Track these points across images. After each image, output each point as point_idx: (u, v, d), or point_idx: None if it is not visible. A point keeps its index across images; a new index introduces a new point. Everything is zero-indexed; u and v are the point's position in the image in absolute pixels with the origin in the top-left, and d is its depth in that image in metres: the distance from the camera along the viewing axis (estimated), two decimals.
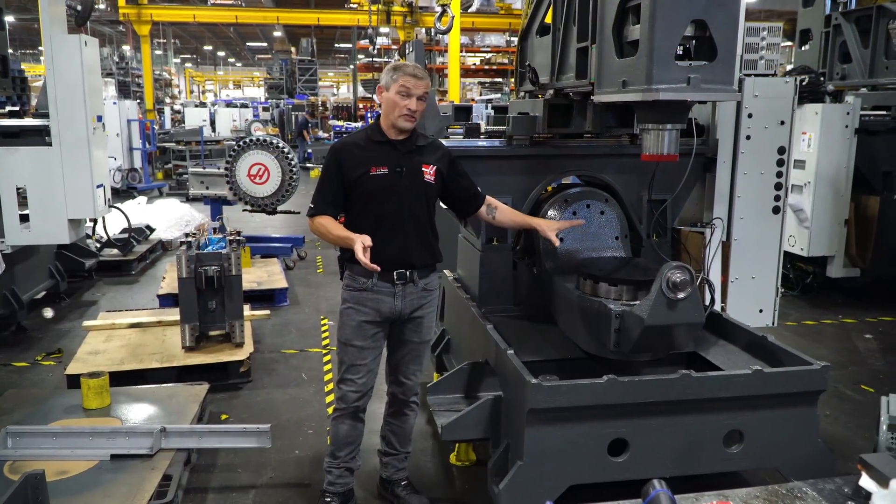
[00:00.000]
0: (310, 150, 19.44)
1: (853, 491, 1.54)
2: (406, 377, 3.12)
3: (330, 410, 3.71)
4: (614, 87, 2.80)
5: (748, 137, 3.84)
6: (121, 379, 4.19)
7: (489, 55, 27.20)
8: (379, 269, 2.72)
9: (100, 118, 5.27)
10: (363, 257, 2.63)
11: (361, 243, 2.64)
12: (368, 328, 2.94)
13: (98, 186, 5.16)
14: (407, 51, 3.77)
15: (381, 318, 2.95)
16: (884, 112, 6.49)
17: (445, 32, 10.29)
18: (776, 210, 3.93)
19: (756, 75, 4.35)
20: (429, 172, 2.93)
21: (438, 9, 10.04)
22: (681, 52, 2.66)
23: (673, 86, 2.56)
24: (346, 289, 2.99)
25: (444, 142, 3.55)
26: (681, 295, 2.62)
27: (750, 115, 3.82)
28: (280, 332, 5.68)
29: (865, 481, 1.48)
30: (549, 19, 3.54)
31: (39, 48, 30.82)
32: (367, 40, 21.50)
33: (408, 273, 2.91)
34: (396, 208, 2.86)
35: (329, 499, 3.08)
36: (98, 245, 7.51)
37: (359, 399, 3.01)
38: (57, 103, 4.93)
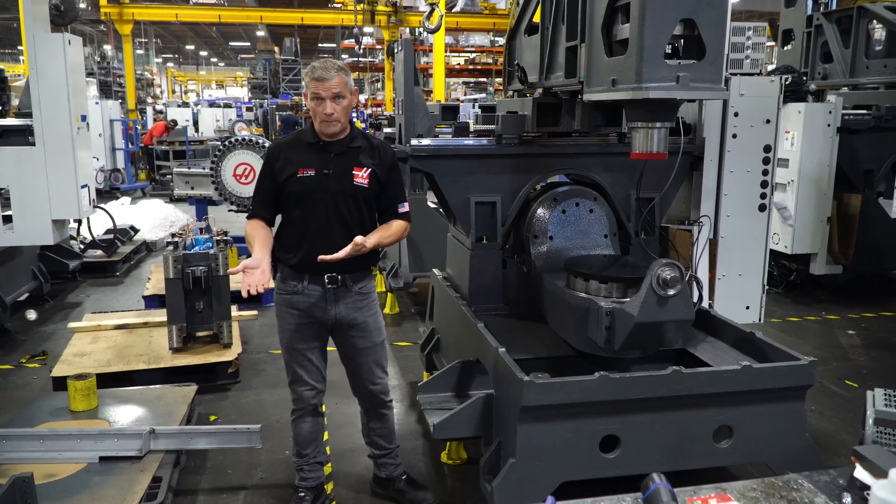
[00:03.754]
0: None
1: (848, 482, 1.56)
2: (373, 383, 3.10)
3: None
4: (604, 85, 2.81)
5: (734, 136, 3.87)
6: (107, 381, 4.16)
7: (473, 55, 27.19)
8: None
9: (84, 118, 5.21)
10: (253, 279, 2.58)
11: (247, 270, 2.59)
12: (306, 328, 2.96)
13: (82, 187, 5.11)
14: (395, 50, 3.76)
15: (315, 320, 2.94)
16: (865, 111, 6.58)
17: (434, 31, 10.27)
18: (762, 208, 3.97)
19: (742, 74, 4.39)
20: (361, 175, 2.85)
21: (426, 8, 10.03)
22: (669, 51, 2.68)
23: (662, 84, 2.57)
24: (277, 292, 2.97)
25: (431, 141, 3.55)
26: (671, 292, 2.64)
27: (736, 114, 3.85)
28: (268, 333, 5.65)
29: (860, 473, 1.51)
30: (537, 18, 3.55)
31: (19, 47, 30.47)
32: (353, 40, 21.42)
33: (339, 277, 2.88)
34: (322, 211, 2.81)
35: (303, 493, 3.11)
36: (82, 246, 7.44)
37: (315, 396, 3.05)
38: (40, 103, 4.88)
